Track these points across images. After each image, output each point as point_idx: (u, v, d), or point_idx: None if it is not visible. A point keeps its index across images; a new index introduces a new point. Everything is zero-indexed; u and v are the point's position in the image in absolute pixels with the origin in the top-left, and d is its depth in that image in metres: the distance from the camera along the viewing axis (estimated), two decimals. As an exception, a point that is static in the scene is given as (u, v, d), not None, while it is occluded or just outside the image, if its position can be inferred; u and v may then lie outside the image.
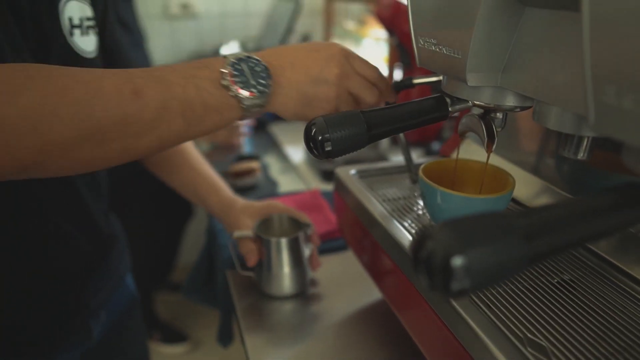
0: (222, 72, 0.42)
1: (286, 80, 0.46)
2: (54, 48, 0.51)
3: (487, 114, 0.45)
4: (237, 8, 1.97)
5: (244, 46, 1.84)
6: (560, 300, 0.40)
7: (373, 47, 1.71)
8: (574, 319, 0.37)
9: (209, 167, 0.77)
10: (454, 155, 0.64)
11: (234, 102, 0.43)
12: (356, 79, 0.48)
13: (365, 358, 0.55)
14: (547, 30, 0.33)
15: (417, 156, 1.14)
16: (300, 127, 1.43)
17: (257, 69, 0.44)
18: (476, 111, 0.45)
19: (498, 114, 0.45)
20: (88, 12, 0.57)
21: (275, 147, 1.31)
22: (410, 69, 1.25)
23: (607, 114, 0.26)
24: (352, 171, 0.63)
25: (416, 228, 0.50)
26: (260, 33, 1.89)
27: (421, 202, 0.56)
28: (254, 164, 1.00)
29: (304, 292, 0.68)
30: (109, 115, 0.38)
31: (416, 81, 0.53)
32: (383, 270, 0.52)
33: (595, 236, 0.26)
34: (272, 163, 1.17)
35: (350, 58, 0.48)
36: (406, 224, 0.51)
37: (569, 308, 0.39)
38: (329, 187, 0.99)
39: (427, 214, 0.52)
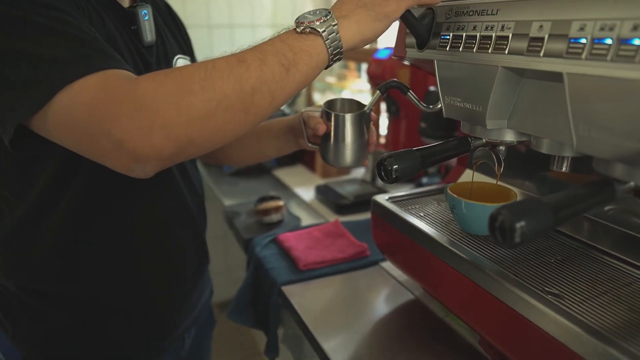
0: (295, 24, 0.54)
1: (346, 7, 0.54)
2: None
3: (494, 147, 0.64)
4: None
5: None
6: (559, 270, 0.58)
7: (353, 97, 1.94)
8: (571, 278, 0.56)
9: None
10: (458, 181, 0.84)
11: (314, 37, 0.53)
12: None
13: (401, 338, 0.71)
14: (535, 92, 0.53)
15: (409, 189, 1.33)
16: (300, 172, 1.60)
17: (316, 10, 0.55)
18: (483, 146, 0.65)
19: (501, 147, 0.64)
20: None
21: (283, 188, 1.47)
22: (397, 117, 1.47)
23: (583, 140, 0.45)
24: (386, 197, 0.80)
25: (446, 231, 0.68)
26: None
27: (442, 215, 0.74)
28: (279, 202, 1.16)
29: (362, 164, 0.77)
30: (226, 82, 0.48)
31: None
32: (425, 266, 0.69)
33: (584, 210, 0.45)
34: (285, 202, 1.32)
35: None
36: (439, 229, 0.69)
37: (566, 273, 0.57)
38: (343, 218, 1.16)
39: (455, 221, 0.70)
